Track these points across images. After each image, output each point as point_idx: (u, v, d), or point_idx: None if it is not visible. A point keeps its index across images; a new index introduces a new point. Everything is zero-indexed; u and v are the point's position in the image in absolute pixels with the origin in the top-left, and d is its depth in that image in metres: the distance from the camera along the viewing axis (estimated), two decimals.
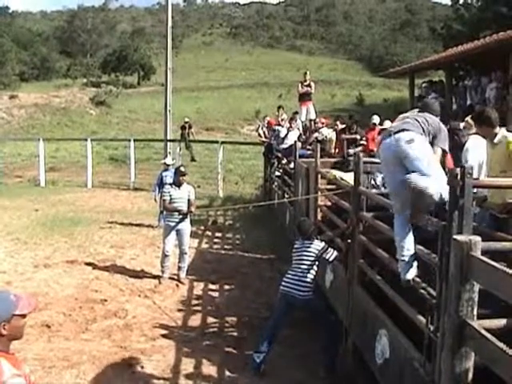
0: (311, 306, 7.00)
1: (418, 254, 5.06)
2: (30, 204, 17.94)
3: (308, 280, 6.91)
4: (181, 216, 10.54)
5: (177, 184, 10.61)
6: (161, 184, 13.39)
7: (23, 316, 3.29)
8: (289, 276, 7.04)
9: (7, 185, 23.98)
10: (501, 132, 5.81)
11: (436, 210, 4.93)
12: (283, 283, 7.06)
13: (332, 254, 7.00)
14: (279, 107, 19.32)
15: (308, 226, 7.21)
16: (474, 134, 6.61)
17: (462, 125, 8.15)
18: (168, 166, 14.12)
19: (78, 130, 41.77)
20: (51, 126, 43.34)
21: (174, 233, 10.64)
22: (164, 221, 11.22)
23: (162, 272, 10.77)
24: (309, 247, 7.00)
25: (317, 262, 6.99)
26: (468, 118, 7.83)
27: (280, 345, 7.33)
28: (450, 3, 51.22)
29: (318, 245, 7.01)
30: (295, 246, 7.19)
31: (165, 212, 11.11)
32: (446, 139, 5.32)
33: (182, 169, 10.87)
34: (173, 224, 10.60)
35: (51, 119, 44.87)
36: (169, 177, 12.72)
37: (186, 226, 10.72)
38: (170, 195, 10.52)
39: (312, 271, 6.95)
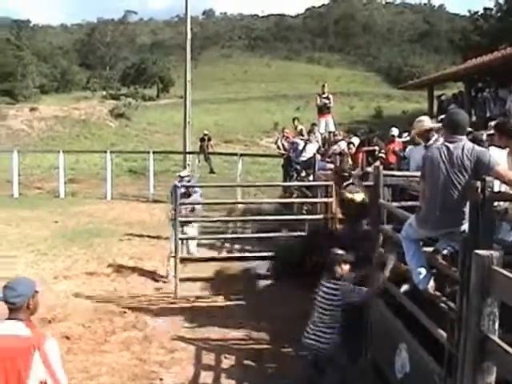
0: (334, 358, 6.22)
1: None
2: (49, 215, 18.03)
3: (330, 331, 6.15)
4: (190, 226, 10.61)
5: (186, 195, 10.69)
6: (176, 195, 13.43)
7: (37, 293, 4.04)
8: (311, 327, 6.25)
9: (27, 196, 24.14)
10: None
11: None
12: (306, 334, 6.30)
13: (359, 296, 6.16)
14: (294, 119, 19.47)
15: (334, 263, 6.29)
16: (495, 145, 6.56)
17: (484, 136, 8.11)
18: (182, 178, 14.13)
19: (97, 142, 42.00)
20: (71, 138, 43.59)
21: (185, 243, 10.69)
22: (174, 232, 11.23)
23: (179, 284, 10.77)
24: (334, 292, 6.14)
25: (340, 309, 6.17)
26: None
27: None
28: (468, 14, 51.31)
29: (344, 289, 6.14)
30: (321, 287, 6.32)
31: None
32: None
33: (187, 179, 10.95)
34: (183, 235, 10.65)
35: (71, 131, 45.14)
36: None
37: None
38: (180, 206, 10.57)
39: (336, 320, 6.17)
